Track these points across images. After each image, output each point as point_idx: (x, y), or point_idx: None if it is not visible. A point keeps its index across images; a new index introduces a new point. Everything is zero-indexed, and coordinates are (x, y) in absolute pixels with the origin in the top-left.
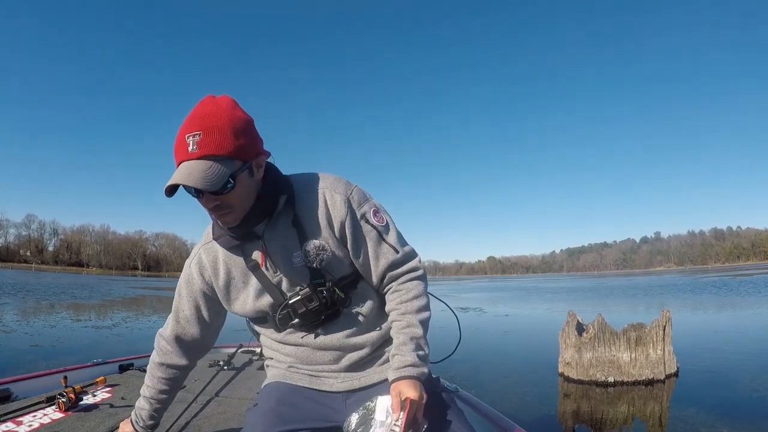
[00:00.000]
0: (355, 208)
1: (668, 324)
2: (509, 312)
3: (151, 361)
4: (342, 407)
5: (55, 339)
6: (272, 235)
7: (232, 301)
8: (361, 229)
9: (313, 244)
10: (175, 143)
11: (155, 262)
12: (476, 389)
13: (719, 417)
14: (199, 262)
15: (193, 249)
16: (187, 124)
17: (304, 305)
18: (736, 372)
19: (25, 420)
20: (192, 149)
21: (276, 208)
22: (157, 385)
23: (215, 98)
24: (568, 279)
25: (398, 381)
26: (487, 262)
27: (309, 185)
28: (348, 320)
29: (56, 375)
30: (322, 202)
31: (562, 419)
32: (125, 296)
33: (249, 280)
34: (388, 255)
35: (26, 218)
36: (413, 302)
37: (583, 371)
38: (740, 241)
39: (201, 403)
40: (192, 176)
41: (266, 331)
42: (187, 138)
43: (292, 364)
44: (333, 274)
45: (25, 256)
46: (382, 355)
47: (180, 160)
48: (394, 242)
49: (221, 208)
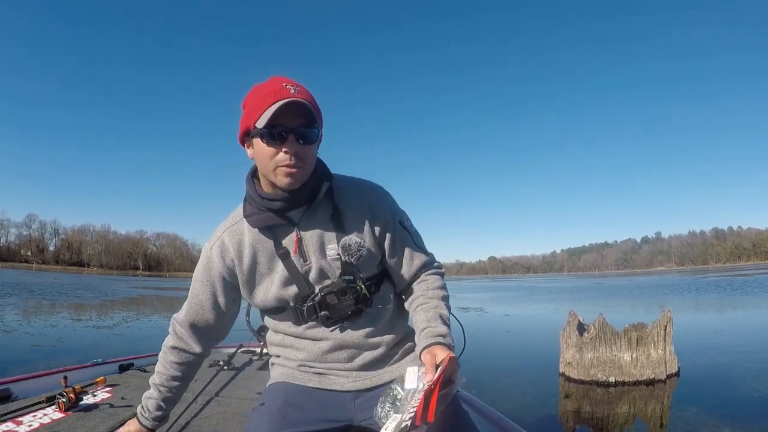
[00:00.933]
0: (394, 213)
1: (669, 324)
2: (510, 312)
3: (164, 346)
4: (351, 406)
5: (55, 339)
6: (309, 224)
7: (255, 286)
8: (399, 233)
9: (353, 239)
10: (268, 90)
11: (156, 261)
12: (477, 389)
13: (720, 417)
14: (222, 246)
15: (214, 233)
16: (279, 79)
17: (337, 298)
18: (737, 372)
19: (25, 420)
20: (295, 92)
21: (317, 195)
22: (169, 371)
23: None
24: (569, 279)
25: (432, 346)
26: (487, 262)
27: (351, 183)
28: (368, 320)
29: (56, 375)
30: (366, 202)
31: (563, 419)
32: (126, 296)
33: (275, 267)
34: (422, 257)
35: (27, 218)
36: (440, 291)
37: (584, 371)
38: (741, 241)
39: (201, 403)
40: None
41: (281, 325)
42: (285, 85)
43: (303, 362)
44: (363, 273)
45: (26, 256)
46: (394, 355)
47: (280, 98)
48: (424, 247)
49: (300, 158)
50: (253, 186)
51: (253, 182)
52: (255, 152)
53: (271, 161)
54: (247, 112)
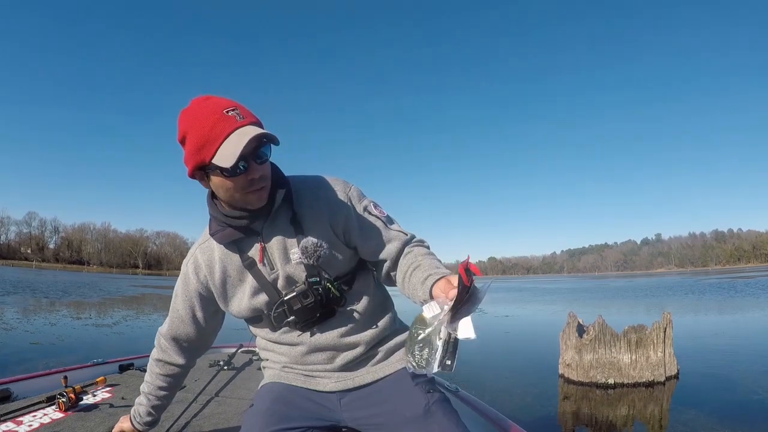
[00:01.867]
0: (355, 204)
1: (669, 326)
2: (509, 313)
3: (150, 357)
4: (337, 407)
5: (55, 338)
6: (271, 232)
7: (229, 299)
8: (367, 220)
9: (310, 240)
10: (214, 120)
11: (156, 260)
12: (476, 390)
13: (719, 419)
14: (195, 262)
15: (189, 250)
16: (217, 103)
17: (299, 301)
18: (736, 374)
19: (25, 420)
20: (240, 119)
21: (274, 203)
22: (156, 381)
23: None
24: (569, 280)
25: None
26: (487, 262)
27: (307, 184)
28: (343, 319)
29: (56, 375)
30: (322, 200)
31: (561, 420)
32: (126, 295)
33: (245, 278)
34: (401, 236)
35: (27, 216)
36: (430, 255)
37: (584, 373)
38: (741, 243)
39: (201, 403)
40: (259, 131)
41: (261, 332)
42: (226, 113)
43: (286, 365)
44: (329, 272)
45: (26, 254)
46: (376, 354)
47: (231, 129)
48: (400, 228)
49: (264, 179)
50: (215, 207)
51: (214, 203)
52: (215, 185)
53: (238, 192)
54: (194, 147)
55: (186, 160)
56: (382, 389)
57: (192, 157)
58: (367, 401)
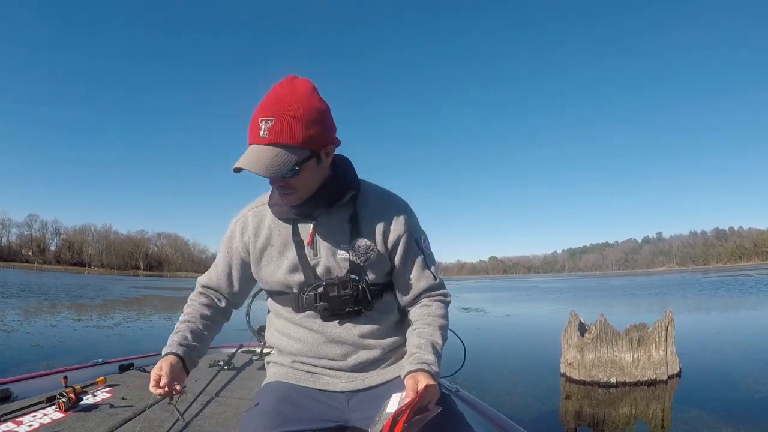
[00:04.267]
0: (411, 230)
1: (671, 324)
2: (511, 312)
3: (192, 296)
4: (345, 407)
5: (55, 339)
6: (326, 222)
7: (262, 266)
8: (412, 250)
9: (364, 241)
10: (250, 124)
11: (157, 261)
12: (477, 390)
13: (722, 418)
14: (244, 223)
15: (241, 210)
16: (263, 106)
17: (337, 290)
18: (738, 373)
19: (26, 420)
20: (263, 134)
21: (340, 200)
22: (198, 309)
23: (295, 81)
24: (570, 279)
25: (416, 372)
26: (488, 262)
27: (377, 193)
28: (366, 321)
29: (56, 375)
30: (386, 212)
31: (563, 420)
32: (126, 296)
33: (286, 253)
34: (429, 279)
35: (28, 218)
36: (439, 319)
37: (585, 372)
38: (742, 241)
39: (201, 403)
40: (258, 162)
41: (282, 310)
42: (260, 122)
43: (297, 357)
44: (368, 277)
45: (27, 256)
46: (389, 358)
47: (250, 143)
48: (435, 271)
49: (285, 188)
50: None
51: None
52: None
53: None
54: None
55: None
56: (391, 390)
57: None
58: (375, 401)
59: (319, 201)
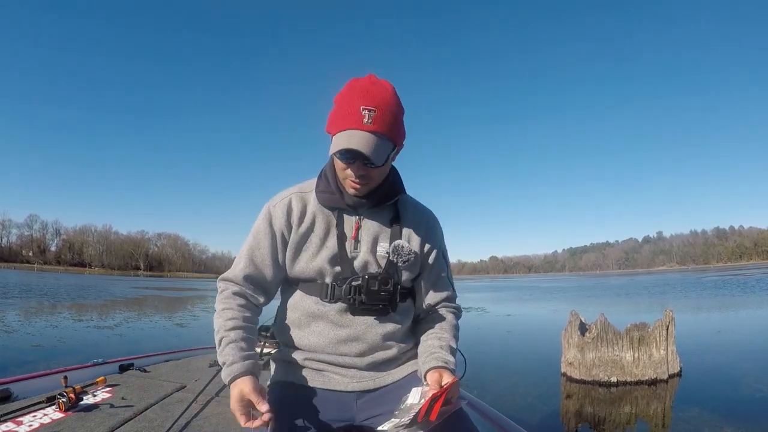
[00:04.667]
0: (441, 243)
1: (671, 323)
2: (511, 312)
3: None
4: (353, 407)
5: (56, 339)
6: (371, 218)
7: (301, 252)
8: (440, 261)
9: (406, 244)
10: (348, 109)
11: (157, 262)
12: (478, 390)
13: (723, 417)
14: (287, 205)
15: (279, 194)
16: (363, 95)
17: (378, 285)
18: (739, 372)
19: (26, 420)
20: (367, 121)
21: (389, 200)
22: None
23: (381, 80)
24: (571, 278)
25: (440, 368)
26: (489, 261)
27: (415, 202)
28: (389, 321)
29: (56, 375)
30: (424, 222)
31: (564, 419)
32: (127, 296)
33: (327, 242)
34: (449, 290)
35: (28, 218)
36: (455, 329)
37: (586, 371)
38: (743, 240)
39: (201, 403)
40: (368, 147)
41: (307, 300)
42: (362, 109)
43: (310, 354)
44: (401, 279)
45: (27, 257)
46: (400, 359)
47: (353, 127)
48: (452, 281)
49: (365, 177)
50: (333, 172)
51: (334, 169)
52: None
53: (341, 172)
54: (331, 117)
55: (327, 121)
56: (399, 388)
57: (328, 122)
58: (382, 400)
59: (375, 196)
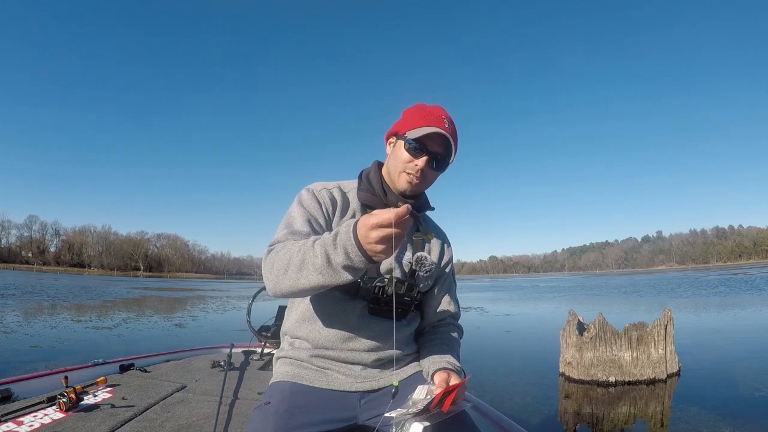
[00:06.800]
0: (452, 261)
1: (670, 323)
2: (510, 311)
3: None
4: (356, 406)
5: (55, 339)
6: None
7: None
8: (450, 278)
9: (429, 257)
10: (429, 112)
11: (157, 262)
12: (477, 389)
13: (721, 417)
14: (330, 194)
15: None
16: (441, 110)
17: (404, 289)
18: (738, 371)
19: (26, 420)
20: (448, 127)
21: (419, 211)
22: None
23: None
24: (570, 278)
25: (448, 370)
26: (488, 261)
27: (434, 223)
28: (401, 326)
29: (57, 375)
30: (441, 240)
31: (563, 419)
32: (126, 297)
33: None
34: (455, 307)
35: (28, 219)
36: (458, 343)
37: (584, 371)
38: (742, 239)
39: (201, 403)
40: (447, 145)
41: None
42: (443, 118)
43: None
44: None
45: (27, 257)
46: (404, 360)
47: (435, 125)
48: (457, 299)
49: (424, 176)
50: (379, 174)
51: (379, 171)
52: (393, 151)
53: (402, 165)
54: (405, 119)
55: (393, 125)
56: (403, 388)
57: (397, 125)
58: (386, 399)
59: (417, 202)
